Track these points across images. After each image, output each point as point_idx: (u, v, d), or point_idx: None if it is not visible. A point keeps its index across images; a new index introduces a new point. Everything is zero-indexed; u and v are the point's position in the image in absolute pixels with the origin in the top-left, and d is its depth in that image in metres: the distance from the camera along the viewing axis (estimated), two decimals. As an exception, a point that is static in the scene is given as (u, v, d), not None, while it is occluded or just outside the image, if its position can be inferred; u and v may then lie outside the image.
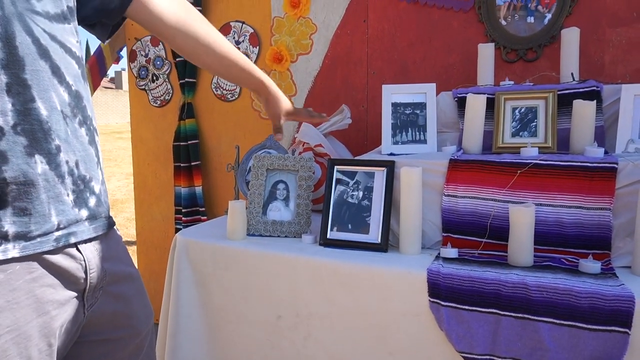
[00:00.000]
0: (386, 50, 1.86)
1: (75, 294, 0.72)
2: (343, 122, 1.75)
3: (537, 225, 1.11)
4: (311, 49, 1.99)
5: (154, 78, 2.39)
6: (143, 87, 2.43)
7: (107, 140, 15.45)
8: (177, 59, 2.24)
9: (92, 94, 2.32)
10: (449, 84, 1.73)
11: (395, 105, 1.40)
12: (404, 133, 1.39)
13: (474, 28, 1.72)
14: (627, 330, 0.89)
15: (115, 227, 0.84)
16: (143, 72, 2.41)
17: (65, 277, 0.70)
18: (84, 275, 0.73)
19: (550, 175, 1.14)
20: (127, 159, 11.58)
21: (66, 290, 0.70)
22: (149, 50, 2.38)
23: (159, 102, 2.40)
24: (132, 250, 4.09)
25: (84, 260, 0.72)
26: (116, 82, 32.88)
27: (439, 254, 1.18)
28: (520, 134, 1.30)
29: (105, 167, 10.11)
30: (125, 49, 2.48)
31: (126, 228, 5.26)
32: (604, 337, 0.91)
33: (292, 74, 2.04)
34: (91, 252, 0.74)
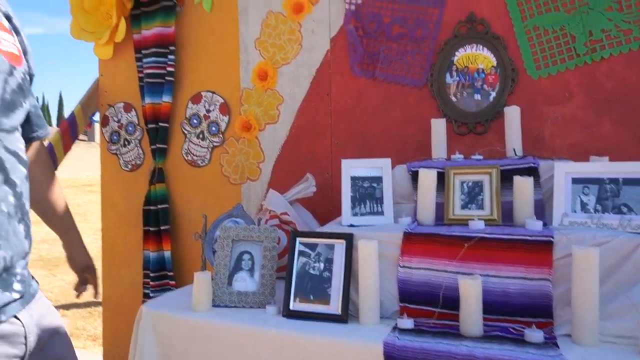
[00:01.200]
0: (348, 121, 1.99)
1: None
2: (308, 190, 1.84)
3: (486, 295, 1.19)
4: (278, 119, 2.10)
5: (126, 143, 2.45)
6: (115, 151, 2.48)
7: (77, 194, 15.13)
8: (149, 126, 2.31)
9: (63, 158, 2.36)
10: (406, 153, 1.85)
11: (354, 179, 1.49)
12: (362, 205, 1.48)
13: (427, 103, 1.87)
14: (565, 400, 0.96)
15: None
16: (115, 137, 2.47)
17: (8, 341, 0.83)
18: (24, 340, 0.86)
19: (496, 247, 1.23)
20: (97, 214, 11.30)
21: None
22: (121, 116, 2.46)
23: (130, 167, 2.45)
24: (98, 313, 3.95)
25: (23, 326, 0.86)
26: (88, 134, 32.70)
27: (396, 324, 1.23)
28: (469, 206, 1.41)
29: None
30: (97, 114, 2.54)
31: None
32: (546, 407, 0.97)
33: (260, 142, 2.14)
34: (29, 317, 0.88)
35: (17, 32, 0.95)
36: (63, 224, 1.30)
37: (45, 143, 2.47)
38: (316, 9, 2.03)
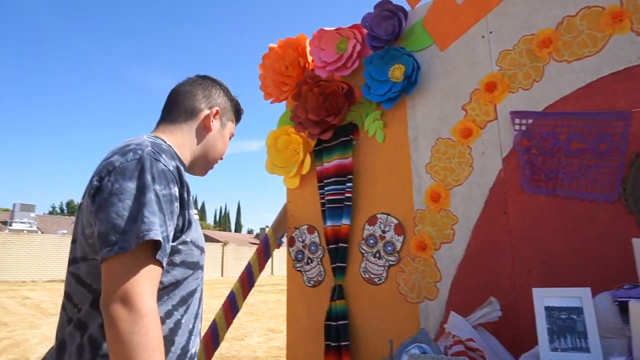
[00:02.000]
0: (530, 240, 1.93)
1: None
2: (493, 315, 1.78)
3: None
4: (453, 238, 2.14)
5: (309, 261, 2.72)
6: (299, 268, 2.76)
7: (250, 294, 16.53)
8: (330, 246, 2.55)
9: (259, 276, 2.70)
10: (604, 276, 1.69)
11: (549, 309, 1.42)
12: (562, 339, 1.38)
13: (623, 219, 1.73)
14: None
15: None
16: (300, 256, 2.77)
17: None
18: None
19: None
20: (267, 313, 12.18)
21: None
22: (305, 237, 2.76)
23: (312, 283, 2.68)
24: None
25: None
26: (261, 238, 36.38)
27: None
28: (702, 347, 1.20)
29: (247, 321, 10.73)
30: (285, 236, 2.90)
31: (269, 392, 5.28)
32: None
33: (436, 261, 2.18)
34: None
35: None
36: None
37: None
38: (485, 132, 2.12)
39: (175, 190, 1.07)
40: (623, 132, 1.77)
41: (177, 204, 1.07)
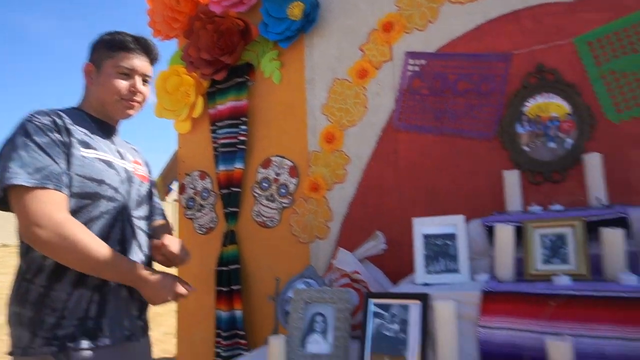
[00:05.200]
0: (416, 178, 1.98)
1: None
2: (378, 248, 1.82)
3: (579, 357, 1.07)
4: (345, 179, 2.14)
5: (200, 208, 2.59)
6: (190, 216, 2.62)
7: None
8: (223, 191, 2.44)
9: None
10: (477, 206, 1.79)
11: (426, 237, 1.46)
12: (436, 263, 1.43)
13: (498, 154, 1.83)
14: None
15: None
16: (191, 203, 2.62)
17: None
18: None
19: (586, 305, 1.13)
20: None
21: None
22: (197, 184, 2.62)
23: (204, 230, 2.56)
24: (172, 376, 3.97)
25: None
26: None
27: (481, 391, 1.14)
28: (552, 260, 1.31)
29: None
30: (175, 183, 2.73)
31: (163, 343, 5.11)
32: None
33: (328, 201, 2.17)
34: None
35: (147, 165, 1.68)
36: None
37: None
38: (380, 73, 2.11)
39: (56, 136, 1.29)
40: (504, 73, 1.85)
41: (60, 147, 1.29)
